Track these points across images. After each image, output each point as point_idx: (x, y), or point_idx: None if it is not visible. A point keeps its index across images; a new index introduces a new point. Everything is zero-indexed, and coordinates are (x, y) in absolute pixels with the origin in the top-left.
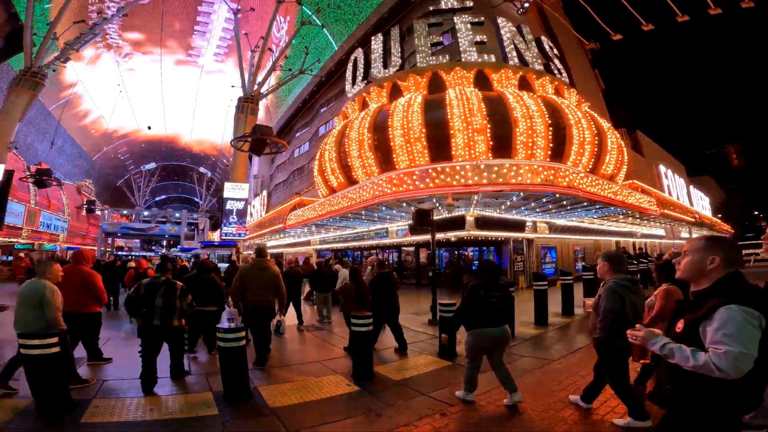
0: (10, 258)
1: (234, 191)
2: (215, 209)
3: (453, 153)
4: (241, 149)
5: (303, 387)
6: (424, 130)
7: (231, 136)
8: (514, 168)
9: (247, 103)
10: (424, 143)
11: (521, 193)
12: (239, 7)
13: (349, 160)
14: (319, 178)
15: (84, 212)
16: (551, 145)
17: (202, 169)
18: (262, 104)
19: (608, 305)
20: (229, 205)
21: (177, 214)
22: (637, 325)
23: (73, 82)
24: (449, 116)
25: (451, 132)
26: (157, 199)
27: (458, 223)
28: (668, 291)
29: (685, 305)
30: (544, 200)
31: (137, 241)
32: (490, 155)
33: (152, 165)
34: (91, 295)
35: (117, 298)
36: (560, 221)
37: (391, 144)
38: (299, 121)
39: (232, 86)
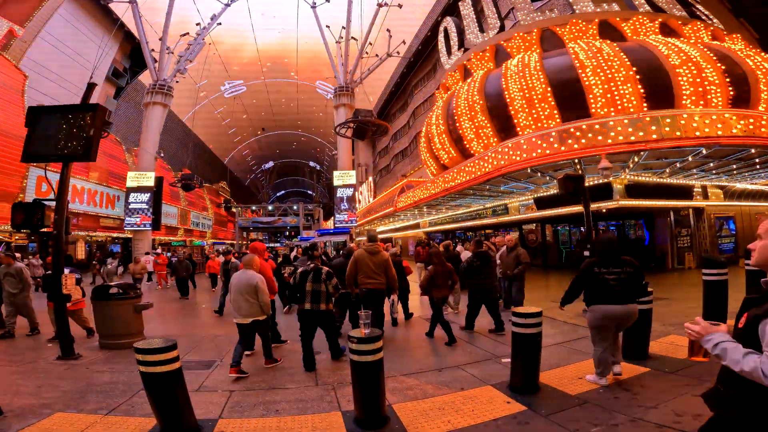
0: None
1: (342, 178)
2: (327, 199)
3: (592, 110)
4: (344, 135)
5: (448, 405)
6: (548, 89)
7: (332, 128)
8: (696, 118)
9: (343, 92)
10: (551, 103)
11: (703, 150)
12: (315, 1)
13: (460, 131)
14: (428, 156)
15: (223, 210)
16: (731, 93)
17: (311, 164)
18: (358, 94)
19: None
20: (339, 193)
21: (294, 207)
22: (696, 317)
23: (200, 95)
24: (579, 71)
25: (586, 85)
26: (278, 194)
27: (602, 192)
28: None
29: (753, 298)
30: (733, 158)
31: (265, 234)
32: (645, 107)
33: (270, 164)
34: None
35: None
36: (740, 185)
37: (510, 108)
38: (394, 106)
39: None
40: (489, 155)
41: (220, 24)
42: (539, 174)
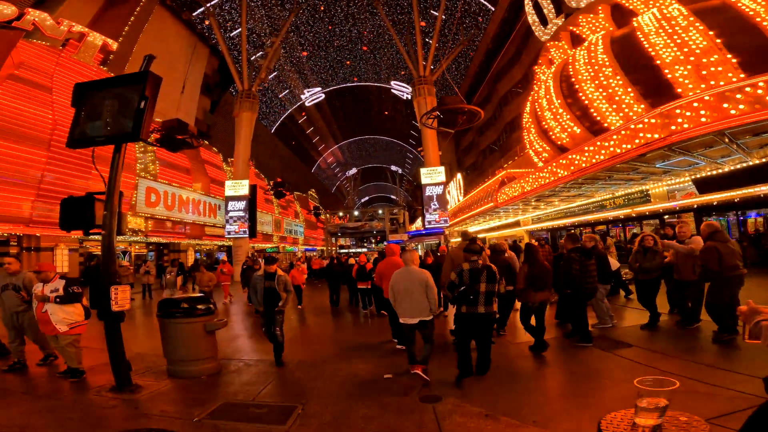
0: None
1: (430, 176)
2: (410, 202)
3: None
4: (431, 126)
5: None
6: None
7: (410, 129)
8: None
9: (422, 85)
10: (727, 57)
11: None
12: None
13: (585, 101)
14: (536, 138)
15: (312, 217)
16: None
17: (393, 167)
18: (441, 85)
19: None
20: (427, 191)
21: (380, 211)
22: (749, 300)
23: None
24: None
25: None
26: (362, 200)
27: None
28: None
29: None
30: None
31: (353, 239)
32: None
33: (354, 170)
34: None
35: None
36: None
37: (664, 65)
38: (477, 98)
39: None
40: (647, 121)
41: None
42: (726, 142)
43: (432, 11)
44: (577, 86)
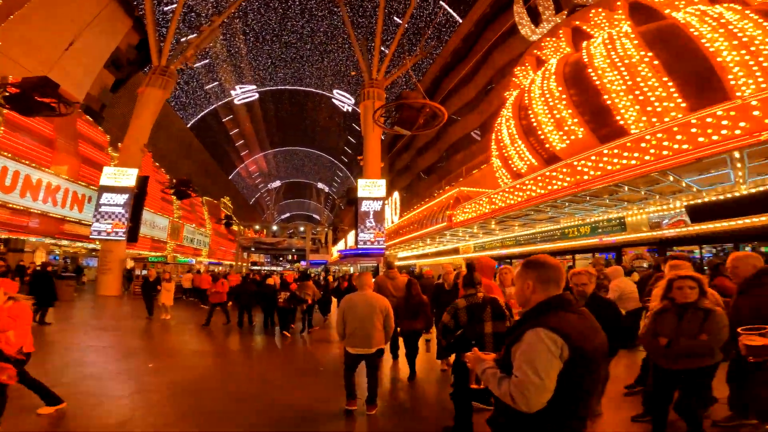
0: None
1: (369, 189)
2: (336, 222)
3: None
4: (383, 126)
5: None
6: None
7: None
8: None
9: (373, 88)
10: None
11: None
12: None
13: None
14: (519, 146)
15: (223, 227)
16: None
17: (320, 185)
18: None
19: None
20: (364, 206)
21: (302, 228)
22: (474, 348)
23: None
24: None
25: None
26: (282, 217)
27: None
28: None
29: (511, 328)
30: None
31: (267, 256)
32: None
33: (277, 183)
34: None
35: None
36: None
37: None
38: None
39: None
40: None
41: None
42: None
43: (396, 18)
44: (531, 114)
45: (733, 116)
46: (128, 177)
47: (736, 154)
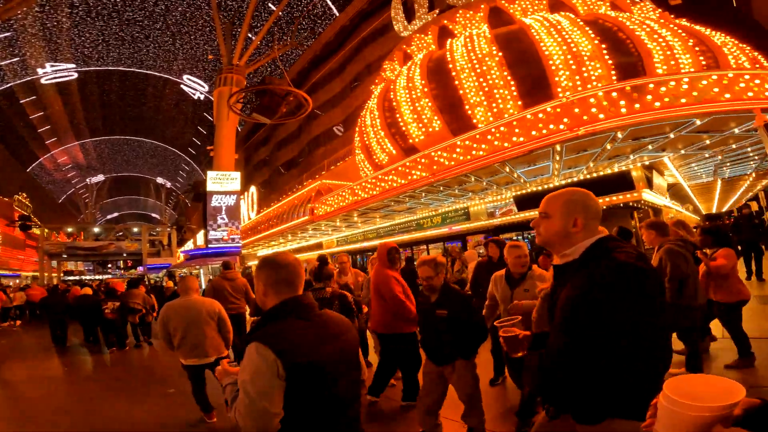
0: None
1: (221, 182)
2: (180, 221)
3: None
4: (239, 113)
5: None
6: None
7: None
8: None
9: (232, 74)
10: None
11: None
12: None
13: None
14: (380, 136)
15: (17, 230)
16: None
17: (160, 180)
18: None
19: None
20: (215, 201)
21: (135, 229)
22: (223, 360)
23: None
24: None
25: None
26: (108, 217)
27: (616, 183)
28: None
29: None
30: None
31: (88, 263)
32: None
33: (101, 177)
34: None
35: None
36: None
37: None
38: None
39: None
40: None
41: None
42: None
43: (271, 4)
44: (395, 106)
45: (558, 113)
46: None
47: (558, 147)
